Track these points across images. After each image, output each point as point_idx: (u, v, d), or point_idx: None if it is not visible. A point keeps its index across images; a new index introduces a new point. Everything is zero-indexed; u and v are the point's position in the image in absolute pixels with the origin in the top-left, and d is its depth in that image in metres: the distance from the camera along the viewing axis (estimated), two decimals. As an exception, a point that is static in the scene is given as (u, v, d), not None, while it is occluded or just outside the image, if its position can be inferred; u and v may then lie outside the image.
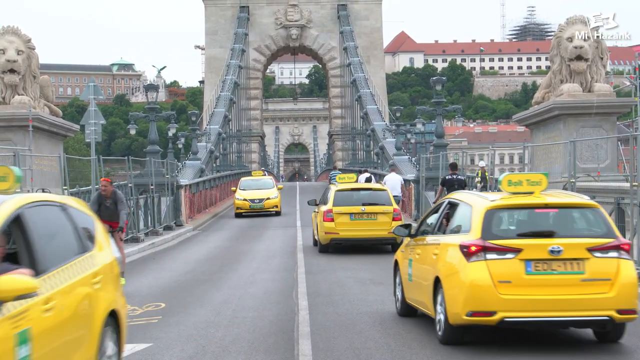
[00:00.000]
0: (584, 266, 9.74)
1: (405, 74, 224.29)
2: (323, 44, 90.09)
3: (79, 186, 27.86)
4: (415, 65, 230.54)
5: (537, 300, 9.68)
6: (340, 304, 14.04)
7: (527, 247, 9.76)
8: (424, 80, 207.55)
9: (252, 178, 45.12)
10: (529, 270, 9.71)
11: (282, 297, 15.07)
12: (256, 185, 42.26)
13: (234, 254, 23.85)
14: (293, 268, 19.74)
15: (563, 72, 27.29)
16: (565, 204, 10.54)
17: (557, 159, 26.75)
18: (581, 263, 9.75)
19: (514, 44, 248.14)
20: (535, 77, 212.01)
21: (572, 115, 26.78)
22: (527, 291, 9.70)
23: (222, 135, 62.37)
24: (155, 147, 36.97)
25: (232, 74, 75.13)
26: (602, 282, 9.73)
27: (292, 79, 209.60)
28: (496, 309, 9.69)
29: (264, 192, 41.11)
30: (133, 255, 24.23)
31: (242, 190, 41.35)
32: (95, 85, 27.76)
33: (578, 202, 10.63)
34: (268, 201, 40.51)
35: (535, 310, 9.67)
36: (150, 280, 18.04)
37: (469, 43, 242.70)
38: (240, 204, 40.48)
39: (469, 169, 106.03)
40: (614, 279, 9.73)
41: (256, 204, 40.14)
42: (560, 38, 27.04)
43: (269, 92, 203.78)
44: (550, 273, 9.72)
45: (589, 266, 9.74)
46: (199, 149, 51.94)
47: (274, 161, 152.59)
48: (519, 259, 9.73)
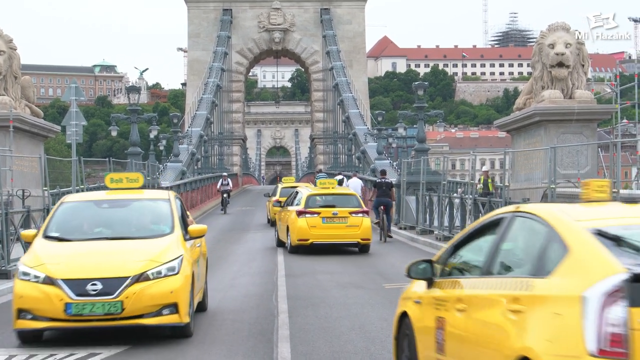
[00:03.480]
0: (347, 220, 23.00)
1: (388, 79, 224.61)
2: (306, 48, 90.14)
3: (60, 187, 27.74)
4: (397, 70, 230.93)
5: (327, 235, 23.12)
6: (321, 307, 14.04)
7: (322, 211, 23.14)
8: (406, 85, 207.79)
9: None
10: (324, 221, 23.06)
11: (262, 300, 15.06)
12: None
13: (215, 257, 23.78)
14: (273, 271, 19.74)
15: (544, 79, 27.41)
16: (343, 192, 25.54)
17: (538, 164, 26.86)
18: (346, 218, 23.02)
19: (496, 49, 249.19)
20: (516, 83, 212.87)
21: (553, 121, 26.90)
22: (322, 231, 23.09)
23: (203, 137, 62.30)
24: (137, 148, 36.91)
25: (214, 76, 75.06)
26: (355, 227, 22.93)
27: (275, 82, 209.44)
28: (309, 237, 23.06)
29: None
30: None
31: None
32: (76, 87, 27.66)
33: (349, 192, 25.69)
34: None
35: (326, 239, 23.19)
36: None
37: (451, 48, 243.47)
38: None
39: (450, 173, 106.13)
40: (360, 225, 23.00)
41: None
42: (542, 44, 27.17)
43: (252, 95, 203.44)
44: (332, 223, 23.13)
45: (349, 220, 22.98)
46: (181, 151, 51.84)
47: (256, 164, 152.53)
48: (319, 217, 23.11)
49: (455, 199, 26.72)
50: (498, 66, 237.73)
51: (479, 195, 25.52)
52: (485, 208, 23.06)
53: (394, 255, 23.35)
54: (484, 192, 28.24)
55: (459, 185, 35.45)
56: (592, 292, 5.14)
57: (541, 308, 5.53)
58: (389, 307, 13.17)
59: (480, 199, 24.31)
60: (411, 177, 33.88)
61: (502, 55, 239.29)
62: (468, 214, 24.40)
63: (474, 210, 23.90)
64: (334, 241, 23.51)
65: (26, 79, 27.69)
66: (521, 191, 27.46)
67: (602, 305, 5.09)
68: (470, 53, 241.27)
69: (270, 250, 25.51)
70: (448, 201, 27.11)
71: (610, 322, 5.04)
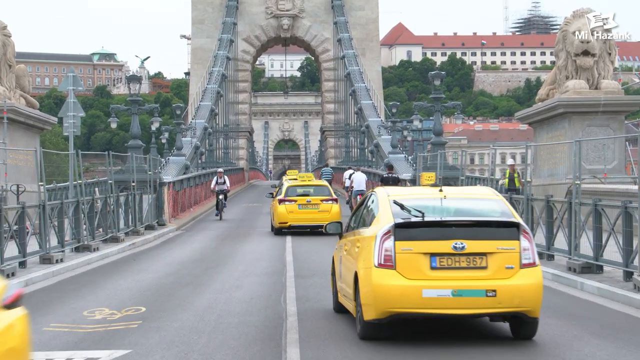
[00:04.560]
0: (319, 206, 30.13)
1: (402, 68, 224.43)
2: (316, 35, 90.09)
3: (56, 182, 27.81)
4: (412, 59, 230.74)
5: (302, 218, 30.15)
6: (332, 310, 14.00)
7: (298, 199, 30.32)
8: (421, 74, 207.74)
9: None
10: (300, 207, 30.16)
11: (269, 302, 15.03)
12: None
13: (219, 256, 23.82)
14: (281, 271, 19.72)
15: (569, 68, 27.31)
16: (316, 184, 32.61)
17: (562, 159, 26.77)
18: (318, 205, 30.17)
19: (517, 37, 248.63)
20: (539, 73, 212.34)
21: (577, 113, 26.80)
22: (299, 215, 30.13)
23: (208, 130, 62.41)
24: (138, 141, 36.92)
25: (219, 65, 75.13)
26: (326, 212, 29.84)
27: (283, 71, 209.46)
28: (287, 221, 30.09)
29: None
30: (112, 256, 24.18)
31: None
32: (74, 76, 27.69)
33: (321, 183, 33.17)
34: None
35: (301, 221, 30.04)
36: (130, 283, 17.99)
37: (469, 36, 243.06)
38: None
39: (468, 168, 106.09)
40: (330, 210, 29.95)
41: None
42: (566, 32, 27.06)
43: (258, 85, 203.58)
44: (307, 208, 30.20)
45: (321, 206, 30.09)
46: (184, 144, 51.91)
47: (263, 158, 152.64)
48: (296, 204, 30.18)
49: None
50: (519, 55, 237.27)
51: (504, 192, 25.29)
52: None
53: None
54: (510, 187, 27.99)
55: (478, 180, 35.38)
56: (379, 233, 10.88)
57: (363, 243, 11.35)
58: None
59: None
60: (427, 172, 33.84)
61: (523, 43, 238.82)
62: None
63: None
64: (308, 223, 30.40)
65: (21, 68, 27.72)
66: (544, 187, 27.39)
67: (382, 240, 10.80)
68: (490, 41, 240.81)
69: (278, 250, 25.54)
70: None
71: (385, 249, 10.75)
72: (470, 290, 10.66)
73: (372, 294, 10.84)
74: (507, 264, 10.79)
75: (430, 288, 10.63)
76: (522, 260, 10.85)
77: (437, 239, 10.75)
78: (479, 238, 10.83)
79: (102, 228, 26.26)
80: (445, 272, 10.71)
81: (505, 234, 10.96)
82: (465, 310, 10.72)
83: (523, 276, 10.80)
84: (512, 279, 10.76)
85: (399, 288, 10.67)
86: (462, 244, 10.70)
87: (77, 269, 20.99)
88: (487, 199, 11.92)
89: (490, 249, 10.80)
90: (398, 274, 10.71)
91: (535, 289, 10.85)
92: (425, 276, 10.67)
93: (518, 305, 10.78)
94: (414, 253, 10.72)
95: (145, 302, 15.14)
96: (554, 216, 19.51)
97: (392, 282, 10.71)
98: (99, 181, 34.19)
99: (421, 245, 10.74)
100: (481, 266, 10.76)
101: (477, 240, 10.80)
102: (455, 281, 10.68)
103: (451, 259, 10.73)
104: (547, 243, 19.65)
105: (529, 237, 11.04)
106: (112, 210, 26.87)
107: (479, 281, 10.70)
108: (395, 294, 10.69)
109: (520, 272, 10.83)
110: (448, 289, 10.63)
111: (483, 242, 10.82)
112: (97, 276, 19.49)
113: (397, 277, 10.71)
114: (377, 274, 10.78)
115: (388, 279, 10.73)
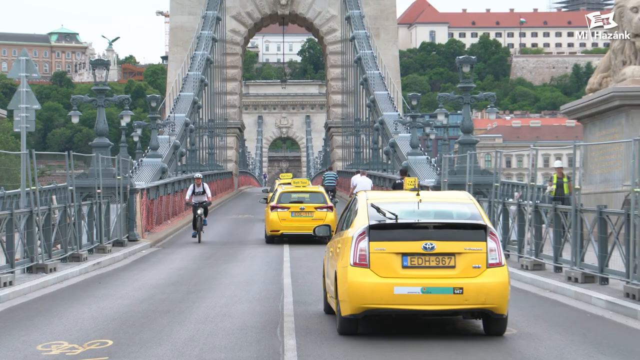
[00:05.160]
0: (313, 214, 33.93)
1: (424, 52, 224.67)
2: (320, 12, 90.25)
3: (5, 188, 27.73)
4: (437, 41, 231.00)
5: (295, 226, 33.88)
6: (339, 344, 13.99)
7: (291, 207, 34.12)
8: (447, 59, 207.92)
9: None
10: (293, 215, 34.01)
11: (263, 335, 15.02)
12: None
13: (203, 278, 23.80)
14: (278, 297, 19.71)
15: (626, 52, 27.31)
16: (311, 190, 36.55)
17: (618, 161, 26.75)
18: (312, 212, 34.03)
19: (563, 14, 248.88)
20: (590, 57, 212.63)
21: (637, 106, 26.77)
22: (291, 223, 33.91)
23: (189, 126, 62.41)
24: (104, 139, 36.91)
25: (203, 48, 75.21)
26: (320, 220, 32.78)
27: (280, 56, 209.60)
28: (279, 229, 33.95)
29: None
30: (73, 278, 24.16)
31: None
32: (28, 60, 27.69)
33: (316, 190, 37.06)
34: None
35: (294, 230, 33.82)
36: (94, 311, 17.96)
37: (505, 13, 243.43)
38: None
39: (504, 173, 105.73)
40: (324, 218, 33.45)
41: None
42: (622, 8, 27.07)
43: (251, 73, 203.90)
44: (300, 216, 34.04)
45: (315, 214, 33.94)
46: (160, 143, 51.91)
47: (256, 160, 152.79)
48: (289, 211, 34.05)
49: (511, 206, 26.62)
50: (566, 36, 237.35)
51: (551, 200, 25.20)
52: (549, 216, 22.95)
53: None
54: (558, 195, 27.89)
55: (516, 187, 35.37)
56: (354, 234, 14.00)
57: (343, 244, 14.49)
58: (426, 345, 13.09)
59: (543, 206, 24.18)
60: (454, 178, 33.84)
61: (571, 22, 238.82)
62: (528, 224, 24.29)
63: (536, 219, 23.77)
64: (301, 232, 33.82)
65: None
66: (596, 196, 27.34)
67: (357, 240, 13.85)
68: (531, 19, 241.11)
69: (274, 270, 25.54)
70: (502, 209, 27.02)
71: (360, 249, 13.79)
72: (439, 287, 13.78)
73: (347, 291, 14.05)
74: (474, 264, 13.91)
75: (401, 285, 13.79)
76: (489, 260, 13.95)
77: (408, 240, 13.93)
78: (447, 239, 13.95)
79: (60, 244, 26.23)
80: (415, 270, 13.86)
81: (472, 235, 14.06)
82: (434, 307, 13.83)
83: (489, 275, 13.90)
84: (478, 278, 13.85)
85: (372, 285, 13.85)
86: (431, 244, 13.84)
87: (29, 293, 20.96)
88: (460, 202, 15.07)
89: (458, 249, 13.91)
90: (372, 272, 13.91)
91: (501, 287, 13.92)
92: (397, 274, 13.85)
93: (484, 302, 13.84)
94: (386, 253, 13.93)
95: (113, 334, 15.11)
96: (608, 231, 19.47)
97: (365, 279, 13.89)
98: (57, 187, 34.16)
99: (393, 245, 13.94)
100: (449, 265, 13.90)
101: (446, 241, 13.93)
102: (424, 279, 13.81)
103: (421, 258, 13.89)
104: (600, 264, 19.61)
105: (496, 239, 14.14)
106: (72, 222, 26.84)
107: (447, 279, 13.82)
108: (368, 290, 13.86)
109: (487, 271, 13.92)
110: (418, 287, 13.77)
111: (451, 243, 13.94)
112: (54, 302, 19.47)
113: (370, 275, 13.91)
114: (353, 272, 13.99)
115: (362, 277, 13.92)
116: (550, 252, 22.84)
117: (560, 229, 22.25)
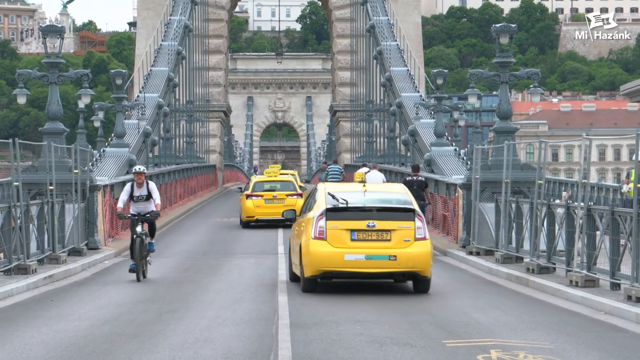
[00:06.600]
0: (285, 201, 47.91)
1: (453, 19, 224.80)
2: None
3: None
4: (468, 5, 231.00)
5: (268, 212, 47.51)
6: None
7: (265, 194, 48.69)
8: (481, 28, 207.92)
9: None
10: (266, 202, 48.23)
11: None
12: None
13: (180, 295, 23.84)
14: (271, 318, 19.77)
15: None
16: (282, 179, 51.72)
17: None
18: (283, 199, 48.22)
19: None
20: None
21: None
22: (265, 209, 47.91)
23: (163, 108, 62.31)
24: (58, 124, 36.89)
25: (180, 13, 75.30)
26: (291, 205, 44.75)
27: (276, 23, 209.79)
28: (254, 215, 48.06)
29: None
30: (19, 294, 24.19)
31: None
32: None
33: (287, 179, 52.18)
34: None
35: (267, 215, 47.33)
36: (46, 335, 17.98)
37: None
38: None
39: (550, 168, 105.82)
40: (295, 205, 43.80)
41: None
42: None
43: (239, 44, 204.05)
44: (273, 203, 48.08)
45: (286, 201, 47.80)
46: (128, 129, 51.90)
47: (245, 150, 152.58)
48: (262, 199, 48.46)
49: (558, 209, 26.60)
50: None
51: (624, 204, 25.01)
52: (605, 221, 22.91)
53: (461, 296, 23.80)
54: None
55: (565, 186, 35.33)
56: (315, 215, 24.61)
57: (306, 223, 25.22)
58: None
59: (598, 209, 24.14)
60: (488, 174, 33.75)
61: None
62: (578, 231, 24.25)
63: (588, 225, 23.74)
64: (273, 217, 44.74)
65: None
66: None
67: (317, 220, 24.46)
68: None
69: (267, 285, 25.58)
70: (546, 212, 27.01)
71: (319, 226, 24.38)
72: (378, 255, 23.41)
73: (309, 258, 23.58)
74: (405, 238, 23.49)
75: (350, 253, 23.39)
76: (416, 235, 23.56)
77: (356, 219, 23.59)
78: (385, 219, 23.58)
79: (3, 253, 26.25)
80: (361, 242, 23.48)
81: (404, 216, 23.77)
82: (375, 269, 23.57)
83: (416, 246, 23.51)
84: (408, 248, 23.41)
85: (328, 253, 23.40)
86: (373, 223, 23.40)
87: (-34, 313, 21.00)
88: (395, 192, 25.71)
89: (393, 227, 23.53)
90: (328, 243, 23.49)
91: (425, 255, 23.53)
92: (347, 245, 23.47)
93: (412, 267, 23.44)
94: (339, 229, 23.55)
95: (68, 363, 15.12)
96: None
97: (323, 249, 23.47)
98: (0, 183, 34.15)
99: (344, 223, 23.61)
100: (387, 239, 23.50)
101: (384, 221, 23.55)
102: (367, 249, 23.44)
103: (365, 233, 23.49)
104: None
105: (422, 219, 24.06)
106: (18, 226, 26.83)
107: (384, 249, 23.41)
108: (325, 257, 23.43)
109: (415, 243, 23.51)
110: (362, 254, 23.39)
111: (388, 222, 23.57)
112: (-5, 324, 19.48)
113: (327, 246, 23.48)
114: (314, 244, 23.57)
115: (321, 247, 23.49)
116: (606, 265, 22.83)
117: (618, 237, 22.22)
